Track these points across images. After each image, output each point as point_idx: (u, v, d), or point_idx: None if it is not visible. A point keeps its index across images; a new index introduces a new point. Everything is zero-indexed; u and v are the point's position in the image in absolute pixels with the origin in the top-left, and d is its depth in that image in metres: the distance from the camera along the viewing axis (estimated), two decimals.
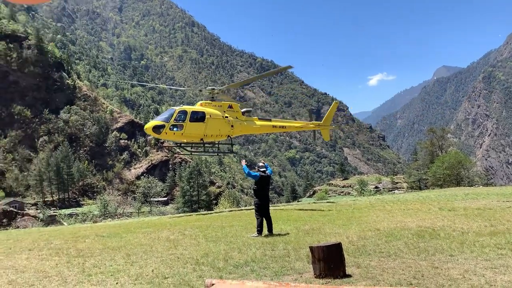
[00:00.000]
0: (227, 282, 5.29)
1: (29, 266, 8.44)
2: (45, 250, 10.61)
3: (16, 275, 7.66)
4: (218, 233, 12.28)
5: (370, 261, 7.29)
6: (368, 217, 13.98)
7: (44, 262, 8.89)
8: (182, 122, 21.28)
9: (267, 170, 12.16)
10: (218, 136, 23.26)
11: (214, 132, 22.59)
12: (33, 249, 10.79)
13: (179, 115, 21.45)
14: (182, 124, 21.28)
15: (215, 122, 22.45)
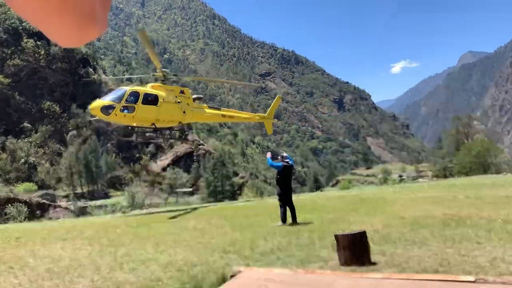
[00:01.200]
0: (254, 269, 5.47)
1: (64, 255, 8.84)
2: (78, 239, 11.07)
3: (52, 263, 8.05)
4: (243, 222, 12.49)
5: (395, 249, 7.33)
6: (393, 206, 13.93)
7: (77, 251, 9.29)
8: (134, 104, 19.46)
9: (290, 161, 12.29)
10: (170, 122, 21.97)
11: (166, 118, 21.18)
12: (67, 239, 11.27)
13: (130, 96, 19.62)
14: (133, 106, 19.45)
15: (168, 107, 20.92)
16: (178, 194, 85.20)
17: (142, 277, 6.67)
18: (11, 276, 7.16)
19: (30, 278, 6.93)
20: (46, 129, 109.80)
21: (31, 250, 9.77)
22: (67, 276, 6.93)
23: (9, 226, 18.66)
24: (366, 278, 4.56)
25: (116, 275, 6.85)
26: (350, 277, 4.68)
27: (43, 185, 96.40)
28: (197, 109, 23.28)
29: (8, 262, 8.39)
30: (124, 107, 19.12)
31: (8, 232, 15.10)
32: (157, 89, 20.97)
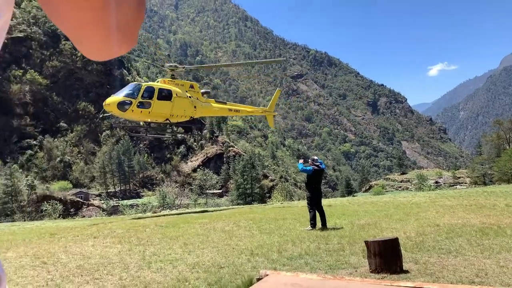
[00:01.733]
0: (281, 273, 5.36)
1: (95, 253, 9.02)
2: (108, 238, 11.28)
3: (83, 260, 8.22)
4: (271, 226, 12.39)
5: (429, 258, 7.04)
6: (427, 213, 13.47)
7: (108, 249, 9.45)
8: (150, 100, 19.14)
9: (321, 165, 12.09)
10: (183, 117, 21.59)
11: (180, 112, 20.87)
12: (98, 237, 11.50)
13: (146, 91, 19.24)
14: (149, 102, 19.12)
15: (181, 102, 20.72)
16: (208, 195, 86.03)
17: (169, 277, 6.69)
18: (44, 271, 7.35)
19: (62, 274, 7.09)
20: (81, 129, 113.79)
21: (63, 246, 10.03)
22: (97, 273, 7.04)
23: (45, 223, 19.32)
24: (396, 287, 4.36)
25: (144, 274, 6.91)
26: (379, 284, 4.49)
27: (77, 183, 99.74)
28: (205, 103, 23.20)
29: (42, 257, 8.64)
30: (140, 103, 18.77)
31: (43, 228, 15.61)
32: (168, 84, 20.76)
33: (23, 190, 67.26)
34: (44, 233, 13.30)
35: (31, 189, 70.74)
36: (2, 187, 62.65)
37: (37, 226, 16.95)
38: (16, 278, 6.88)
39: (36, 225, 18.64)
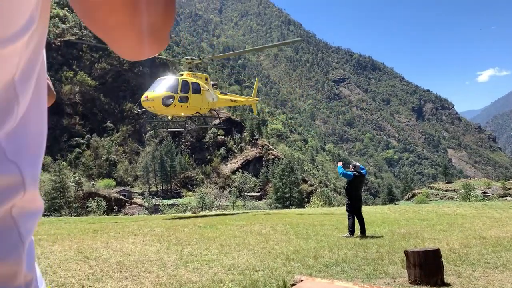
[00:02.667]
0: (316, 280, 5.28)
1: (134, 250, 9.28)
2: (148, 236, 11.57)
3: (123, 257, 8.47)
4: (309, 231, 12.27)
5: (473, 271, 6.71)
6: (473, 224, 12.87)
7: (147, 247, 9.70)
8: (187, 94, 19.36)
9: (362, 170, 11.86)
10: (206, 109, 22.02)
11: (206, 105, 21.37)
12: (138, 235, 11.83)
13: (183, 85, 19.29)
14: (187, 96, 19.35)
15: (206, 95, 21.11)
16: (246, 197, 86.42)
17: (205, 277, 6.76)
18: (86, 265, 7.64)
19: (102, 269, 7.34)
20: (126, 129, 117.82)
21: (105, 242, 10.38)
22: (135, 270, 7.24)
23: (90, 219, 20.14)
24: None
25: (181, 273, 7.02)
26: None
27: (121, 181, 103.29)
28: (215, 95, 23.53)
29: (84, 252, 8.99)
30: (180, 98, 18.93)
31: (88, 224, 16.26)
32: (192, 77, 20.77)
33: (71, 186, 70.28)
34: (88, 228, 13.84)
35: (78, 185, 73.89)
36: (51, 183, 65.77)
37: (82, 222, 17.67)
38: (60, 271, 7.19)
39: (81, 220, 19.46)
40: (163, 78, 19.97)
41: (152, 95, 18.54)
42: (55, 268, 7.40)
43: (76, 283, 6.42)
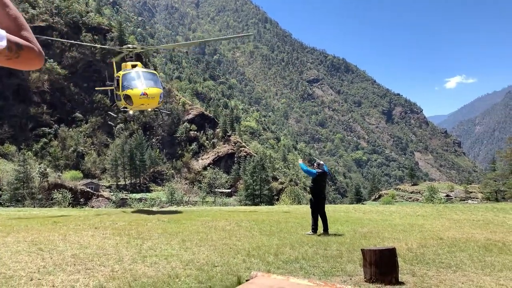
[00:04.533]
0: (271, 276, 5.26)
1: (92, 243, 9.02)
2: (109, 229, 11.29)
3: (79, 250, 8.22)
4: (273, 228, 12.29)
5: (427, 270, 6.86)
6: (433, 225, 13.22)
7: (106, 240, 9.45)
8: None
9: (325, 168, 11.96)
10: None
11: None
12: (98, 228, 11.53)
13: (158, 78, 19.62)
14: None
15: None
16: (216, 194, 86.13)
17: (161, 272, 6.64)
18: (38, 258, 7.36)
19: (55, 262, 7.09)
20: (96, 120, 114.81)
21: (63, 234, 10.06)
22: (90, 263, 7.02)
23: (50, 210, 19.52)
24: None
25: (137, 268, 6.87)
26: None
27: (88, 174, 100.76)
28: None
29: (39, 244, 8.67)
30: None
31: (48, 216, 15.74)
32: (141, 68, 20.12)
33: (35, 177, 68.06)
34: (47, 220, 13.39)
35: (43, 176, 71.58)
36: (15, 173, 63.53)
37: (43, 213, 17.10)
38: (10, 263, 6.90)
39: (42, 212, 18.83)
40: (144, 71, 19.25)
41: (152, 91, 17.92)
42: (4, 260, 7.11)
43: (25, 275, 6.17)
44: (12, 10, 1.49)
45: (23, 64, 1.45)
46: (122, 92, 18.28)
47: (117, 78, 19.27)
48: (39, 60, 1.49)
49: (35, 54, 1.46)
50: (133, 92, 17.81)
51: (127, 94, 17.90)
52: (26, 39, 1.45)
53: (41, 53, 1.50)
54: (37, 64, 1.49)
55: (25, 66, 1.47)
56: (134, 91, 17.84)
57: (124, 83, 18.39)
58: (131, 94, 17.81)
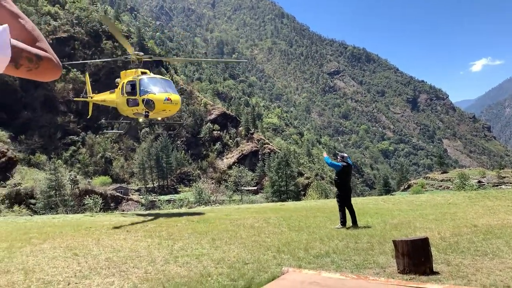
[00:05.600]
0: (303, 271, 5.24)
1: (125, 246, 9.21)
2: (140, 232, 11.51)
3: (113, 253, 8.42)
4: (301, 223, 12.25)
5: (462, 259, 6.70)
6: (465, 213, 12.90)
7: (138, 243, 9.64)
8: None
9: (349, 161, 11.84)
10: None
11: None
12: (130, 231, 11.76)
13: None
14: None
15: None
16: (243, 192, 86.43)
17: (194, 271, 6.72)
18: (74, 263, 7.58)
19: (90, 266, 7.28)
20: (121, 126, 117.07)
21: (96, 239, 10.31)
22: (124, 266, 7.18)
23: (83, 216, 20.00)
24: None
25: (169, 268, 6.98)
26: (404, 286, 4.28)
27: (117, 178, 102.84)
28: None
29: (74, 249, 8.92)
30: None
31: (81, 221, 16.16)
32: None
33: (66, 184, 69.92)
34: (80, 226, 13.76)
35: (74, 183, 73.49)
36: (47, 181, 65.45)
37: (75, 219, 17.57)
38: (47, 269, 7.12)
39: (75, 218, 19.34)
40: (162, 77, 19.64)
41: (175, 97, 17.94)
42: (42, 266, 7.34)
43: (63, 280, 6.36)
44: (28, 22, 1.52)
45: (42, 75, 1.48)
46: (142, 97, 17.76)
47: (132, 82, 18.68)
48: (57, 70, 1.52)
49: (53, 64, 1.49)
50: (157, 97, 17.48)
51: (149, 98, 17.43)
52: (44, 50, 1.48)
53: (59, 63, 1.53)
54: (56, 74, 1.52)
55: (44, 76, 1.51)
56: (158, 96, 17.53)
57: (143, 87, 18.04)
58: (155, 99, 17.42)
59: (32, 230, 12.82)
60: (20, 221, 17.72)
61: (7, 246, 9.40)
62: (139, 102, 17.95)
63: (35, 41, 1.49)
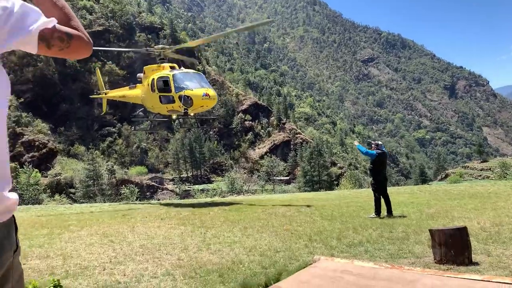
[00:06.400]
0: (335, 260, 5.15)
1: (159, 233, 9.39)
2: (174, 220, 11.71)
3: (147, 240, 8.60)
4: (334, 212, 12.10)
5: (504, 250, 6.39)
6: (508, 203, 12.33)
7: (171, 230, 9.81)
8: None
9: (383, 148, 11.55)
10: None
11: None
12: (164, 219, 11.99)
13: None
14: None
15: None
16: (275, 182, 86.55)
17: (225, 258, 6.76)
18: (110, 249, 7.80)
19: (125, 252, 7.46)
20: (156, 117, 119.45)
21: (132, 226, 10.57)
22: (157, 253, 7.31)
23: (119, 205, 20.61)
24: (459, 279, 3.96)
25: (202, 255, 7.05)
26: (441, 275, 4.12)
27: (153, 168, 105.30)
28: None
29: (110, 236, 9.18)
30: None
31: (117, 210, 16.64)
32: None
33: (104, 174, 72.28)
34: (116, 214, 14.15)
35: (111, 173, 75.89)
36: (85, 171, 67.90)
37: (112, 207, 18.11)
38: (84, 254, 7.37)
39: (111, 205, 19.96)
40: (195, 72, 19.12)
41: (212, 93, 17.44)
42: (80, 252, 7.60)
43: (99, 265, 6.55)
44: (59, 0, 1.52)
45: (74, 53, 1.49)
46: (178, 93, 17.19)
47: (165, 78, 17.96)
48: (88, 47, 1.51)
49: (84, 42, 1.49)
50: (194, 93, 16.97)
51: (186, 95, 16.89)
52: (74, 28, 1.48)
53: (90, 40, 1.52)
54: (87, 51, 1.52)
55: (76, 55, 1.52)
56: (195, 91, 17.03)
57: (177, 83, 17.46)
58: (192, 95, 16.91)
59: (71, 218, 13.31)
60: (60, 209, 18.46)
61: (47, 233, 9.80)
62: (175, 99, 17.36)
63: (66, 19, 1.49)
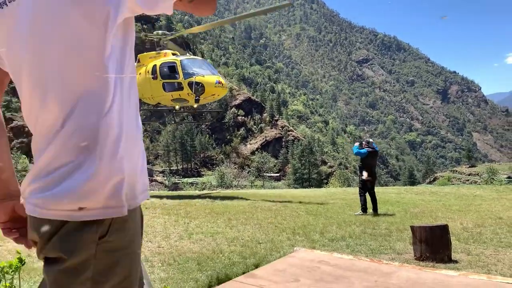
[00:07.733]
0: (314, 252, 5.14)
1: None
2: (158, 209, 11.63)
3: None
4: (320, 208, 12.11)
5: (484, 250, 6.43)
6: (492, 206, 12.43)
7: (155, 219, 9.73)
8: None
9: (375, 147, 11.57)
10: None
11: None
12: (149, 208, 11.91)
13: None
14: None
15: None
16: (265, 178, 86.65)
17: (206, 248, 6.72)
18: None
19: None
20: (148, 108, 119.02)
21: None
22: None
23: None
24: (434, 273, 3.96)
25: (182, 244, 7.00)
26: (418, 270, 4.12)
27: None
28: None
29: None
30: None
31: None
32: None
33: None
34: None
35: None
36: None
37: None
38: None
39: None
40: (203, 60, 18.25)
41: (223, 80, 16.51)
42: None
43: None
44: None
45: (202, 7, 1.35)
46: (187, 80, 15.90)
47: (171, 64, 16.71)
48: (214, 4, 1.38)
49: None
50: (206, 80, 15.84)
51: (197, 81, 15.67)
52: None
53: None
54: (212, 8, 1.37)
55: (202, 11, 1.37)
56: (207, 78, 15.91)
57: (186, 69, 16.22)
58: (204, 82, 15.75)
59: None
60: None
61: None
62: (184, 85, 16.12)
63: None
